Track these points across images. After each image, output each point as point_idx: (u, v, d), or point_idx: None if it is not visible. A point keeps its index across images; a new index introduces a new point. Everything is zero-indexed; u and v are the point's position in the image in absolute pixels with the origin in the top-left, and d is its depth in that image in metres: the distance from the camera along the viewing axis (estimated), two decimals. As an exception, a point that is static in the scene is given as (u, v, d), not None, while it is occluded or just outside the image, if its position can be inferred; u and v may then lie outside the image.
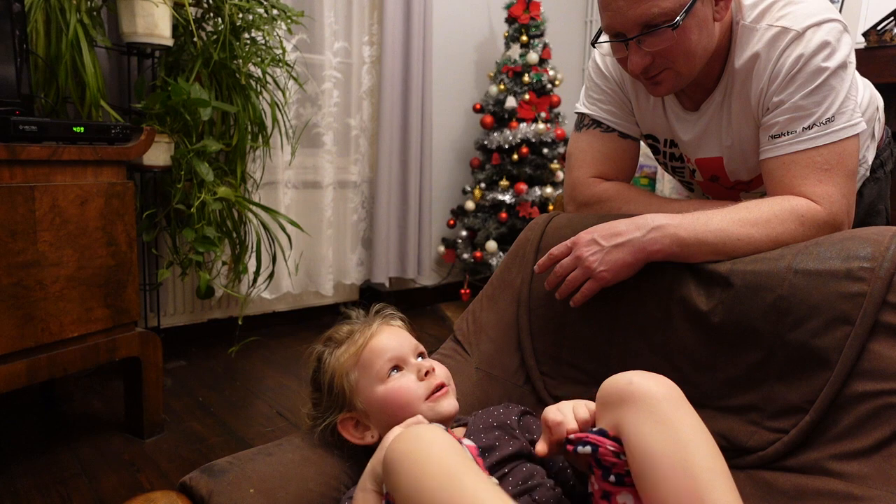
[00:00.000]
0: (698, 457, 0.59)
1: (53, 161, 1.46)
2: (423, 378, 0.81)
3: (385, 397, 0.80)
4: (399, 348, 0.84)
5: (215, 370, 2.26)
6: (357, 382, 0.83)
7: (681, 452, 0.59)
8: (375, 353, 0.83)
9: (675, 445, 0.60)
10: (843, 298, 0.78)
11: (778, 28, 0.95)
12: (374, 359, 0.82)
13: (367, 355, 0.83)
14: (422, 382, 0.81)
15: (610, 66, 1.13)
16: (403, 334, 0.87)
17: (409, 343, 0.86)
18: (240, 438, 1.77)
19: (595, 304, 0.94)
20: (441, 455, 0.57)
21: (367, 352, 0.83)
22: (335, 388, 0.85)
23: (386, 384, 0.81)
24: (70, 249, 1.50)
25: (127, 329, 1.66)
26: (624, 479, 0.65)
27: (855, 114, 0.94)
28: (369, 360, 0.83)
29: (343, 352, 0.85)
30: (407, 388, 0.80)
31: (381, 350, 0.83)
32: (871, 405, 0.74)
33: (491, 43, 3.24)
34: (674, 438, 0.60)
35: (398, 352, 0.83)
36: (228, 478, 0.77)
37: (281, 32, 2.27)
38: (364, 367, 0.83)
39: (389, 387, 0.81)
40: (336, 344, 0.88)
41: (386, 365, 0.82)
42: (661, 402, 0.63)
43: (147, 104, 1.86)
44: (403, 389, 0.80)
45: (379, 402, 0.81)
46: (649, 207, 1.02)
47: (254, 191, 2.35)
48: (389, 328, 0.87)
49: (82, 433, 1.76)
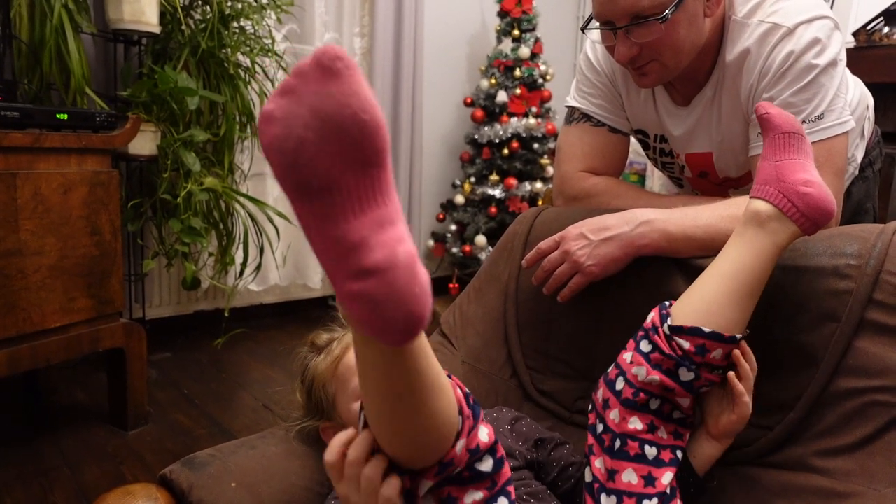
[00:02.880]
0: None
1: (36, 148, 1.43)
2: None
3: (355, 417, 0.78)
4: None
5: (201, 362, 2.24)
6: (335, 396, 0.81)
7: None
8: (351, 370, 0.80)
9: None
10: (829, 295, 0.78)
11: (769, 24, 0.94)
12: (350, 376, 0.79)
13: (342, 371, 0.80)
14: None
15: (601, 59, 1.12)
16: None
17: None
18: (225, 431, 1.75)
19: (583, 299, 0.94)
20: None
21: (343, 367, 0.80)
22: (314, 397, 0.84)
23: (358, 402, 0.79)
24: (52, 238, 1.48)
25: (111, 320, 1.64)
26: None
27: (844, 111, 0.94)
28: (344, 376, 0.80)
29: (321, 362, 0.83)
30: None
31: (355, 368, 0.80)
32: (856, 402, 0.74)
33: (483, 37, 3.23)
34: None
35: None
36: (210, 471, 0.76)
37: (270, 22, 2.25)
38: (340, 382, 0.81)
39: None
40: (316, 352, 0.85)
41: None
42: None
43: (133, 92, 1.83)
44: None
45: (354, 418, 0.79)
46: (638, 202, 1.02)
47: (241, 182, 2.32)
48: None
49: (65, 424, 1.74)
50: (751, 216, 0.76)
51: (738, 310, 0.72)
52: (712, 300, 0.73)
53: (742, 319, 0.73)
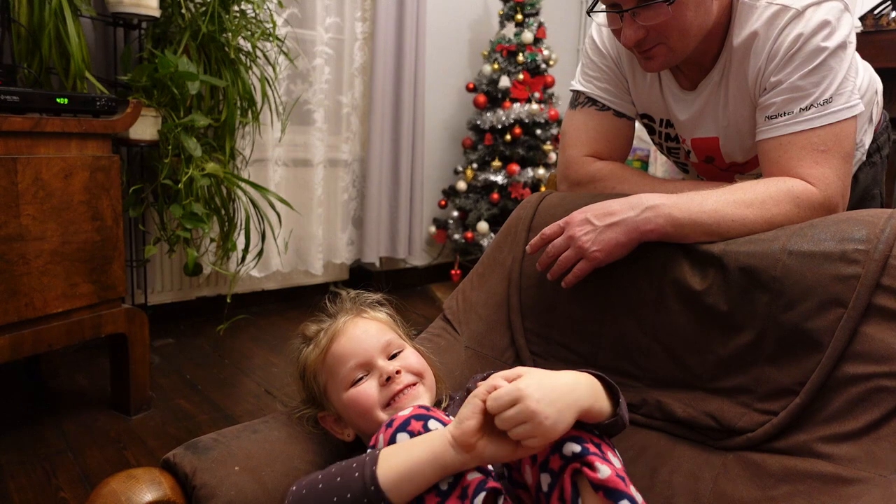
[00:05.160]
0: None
1: (36, 133, 1.43)
2: (384, 384, 0.78)
3: (348, 404, 0.79)
4: (363, 353, 0.79)
5: (203, 348, 2.25)
6: (326, 386, 0.82)
7: None
8: (338, 360, 0.80)
9: None
10: (836, 281, 0.77)
11: (778, 6, 0.93)
12: (338, 366, 0.80)
13: (330, 361, 0.80)
14: (382, 388, 0.78)
15: (607, 42, 1.11)
16: (370, 332, 0.82)
17: (375, 343, 0.80)
18: (228, 416, 1.76)
19: (587, 284, 0.93)
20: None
21: (331, 357, 0.80)
22: (307, 388, 0.84)
23: (348, 391, 0.79)
24: (54, 223, 1.47)
25: (113, 305, 1.64)
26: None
27: (853, 95, 0.92)
28: (333, 367, 0.80)
29: (310, 352, 0.83)
30: (366, 397, 0.77)
31: (343, 356, 0.79)
32: (862, 388, 0.73)
33: (485, 21, 3.20)
34: None
35: (363, 357, 0.79)
36: (213, 455, 0.76)
37: (272, 6, 2.23)
38: (330, 373, 0.81)
39: (350, 394, 0.78)
40: (306, 342, 0.85)
41: (351, 373, 0.79)
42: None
43: (133, 77, 1.82)
44: (362, 397, 0.77)
45: (345, 408, 0.79)
46: (643, 187, 1.01)
47: (243, 167, 2.31)
48: (355, 327, 0.82)
49: (68, 409, 1.74)
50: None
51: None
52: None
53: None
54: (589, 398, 0.64)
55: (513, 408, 0.59)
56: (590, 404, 0.64)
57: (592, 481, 0.61)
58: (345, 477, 0.63)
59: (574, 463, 0.63)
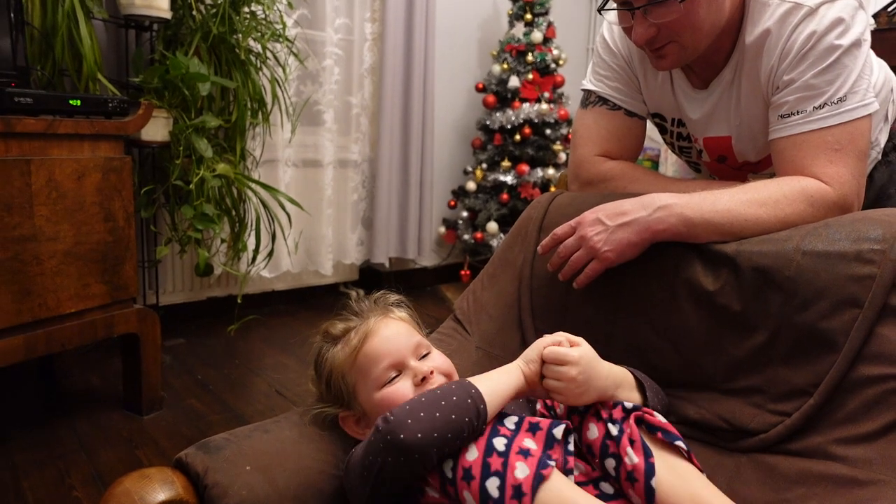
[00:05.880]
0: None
1: (49, 134, 1.44)
2: (419, 384, 0.78)
3: (381, 404, 0.78)
4: (397, 353, 0.80)
5: (214, 348, 2.26)
6: (355, 385, 0.81)
7: None
8: (371, 360, 0.80)
9: None
10: (851, 281, 0.76)
11: (791, 4, 0.92)
12: (371, 366, 0.79)
13: (362, 361, 0.80)
14: (417, 388, 0.78)
15: (618, 41, 1.10)
16: (402, 333, 0.83)
17: (407, 343, 0.81)
18: (239, 416, 1.77)
19: (598, 285, 0.93)
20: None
21: (363, 357, 0.80)
22: (333, 387, 0.83)
23: (381, 391, 0.79)
24: (67, 224, 1.48)
25: (125, 306, 1.65)
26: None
27: (868, 94, 0.91)
28: (365, 366, 0.80)
29: (339, 351, 0.82)
30: (401, 396, 0.77)
31: (377, 356, 0.79)
32: (878, 389, 0.73)
33: (494, 21, 3.20)
34: None
35: (396, 357, 0.80)
36: (225, 454, 0.76)
37: (281, 7, 2.23)
38: (361, 372, 0.80)
39: (384, 394, 0.78)
40: (332, 341, 0.84)
41: (384, 373, 0.79)
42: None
43: (145, 78, 1.83)
44: (398, 396, 0.77)
45: (376, 407, 0.79)
46: (655, 187, 1.00)
47: (253, 168, 2.32)
48: (386, 327, 0.82)
49: (81, 409, 1.76)
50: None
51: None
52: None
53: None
54: (612, 388, 0.77)
55: (560, 367, 0.73)
56: (612, 394, 0.77)
57: (653, 424, 0.72)
58: (445, 391, 0.69)
59: (636, 412, 0.73)
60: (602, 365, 0.76)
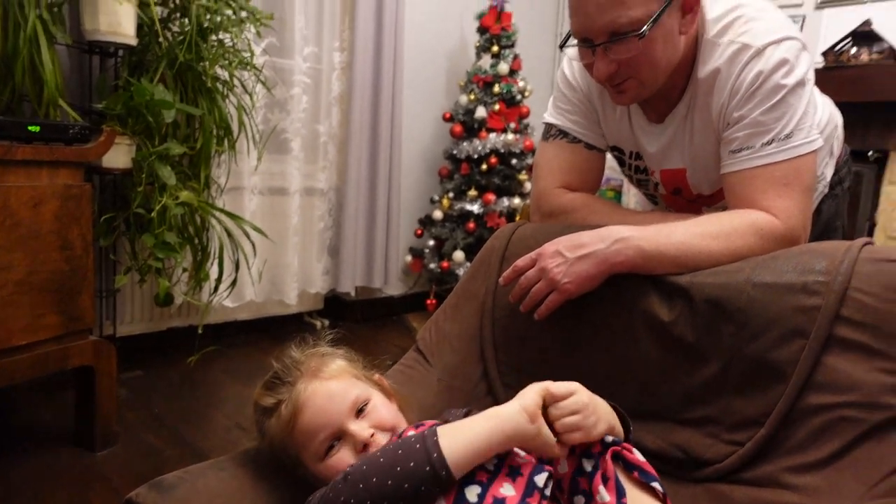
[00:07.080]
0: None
1: (6, 161, 1.41)
2: (362, 451, 0.76)
3: (326, 473, 0.76)
4: (331, 423, 0.76)
5: (173, 380, 2.20)
6: (297, 455, 0.79)
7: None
8: (307, 435, 0.77)
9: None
10: (798, 312, 0.79)
11: (739, 44, 0.96)
12: (308, 441, 0.77)
13: (298, 436, 0.78)
14: (360, 454, 0.76)
15: (578, 76, 1.14)
16: (335, 397, 0.78)
17: (340, 409, 0.77)
18: (197, 451, 1.72)
19: (558, 316, 0.94)
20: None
21: (298, 433, 0.77)
22: (278, 455, 0.81)
23: (324, 462, 0.76)
24: (21, 253, 1.44)
25: (80, 337, 1.61)
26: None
27: (812, 131, 0.96)
28: (302, 441, 0.77)
29: (273, 425, 0.80)
30: (346, 466, 0.73)
31: (312, 431, 0.76)
32: (825, 418, 0.75)
33: (462, 52, 3.26)
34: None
35: (332, 427, 0.76)
36: (177, 494, 0.74)
37: (250, 35, 2.24)
38: (299, 445, 0.78)
39: (327, 465, 0.76)
40: (265, 414, 0.82)
41: (322, 445, 0.77)
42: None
43: (108, 104, 1.81)
44: (341, 467, 0.73)
45: (320, 475, 0.77)
46: (613, 218, 1.02)
47: (218, 196, 2.30)
48: (316, 395, 0.78)
49: (30, 447, 1.69)
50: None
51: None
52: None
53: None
54: (614, 419, 0.75)
55: (570, 397, 0.69)
56: (614, 424, 0.74)
57: (630, 462, 0.70)
58: (406, 449, 0.66)
59: (614, 447, 0.71)
60: (595, 395, 0.74)
